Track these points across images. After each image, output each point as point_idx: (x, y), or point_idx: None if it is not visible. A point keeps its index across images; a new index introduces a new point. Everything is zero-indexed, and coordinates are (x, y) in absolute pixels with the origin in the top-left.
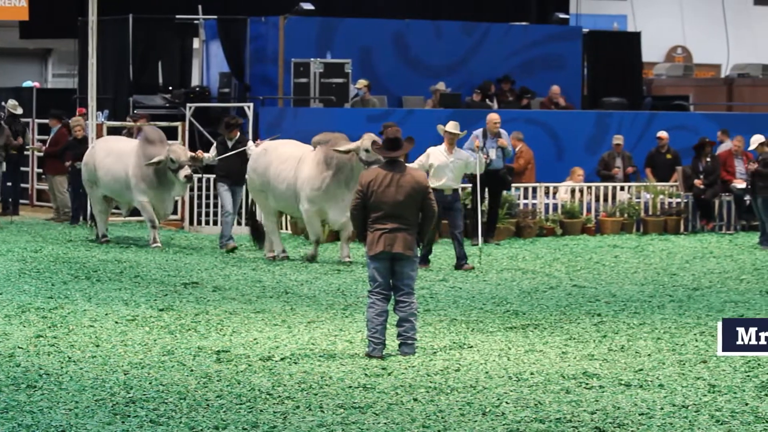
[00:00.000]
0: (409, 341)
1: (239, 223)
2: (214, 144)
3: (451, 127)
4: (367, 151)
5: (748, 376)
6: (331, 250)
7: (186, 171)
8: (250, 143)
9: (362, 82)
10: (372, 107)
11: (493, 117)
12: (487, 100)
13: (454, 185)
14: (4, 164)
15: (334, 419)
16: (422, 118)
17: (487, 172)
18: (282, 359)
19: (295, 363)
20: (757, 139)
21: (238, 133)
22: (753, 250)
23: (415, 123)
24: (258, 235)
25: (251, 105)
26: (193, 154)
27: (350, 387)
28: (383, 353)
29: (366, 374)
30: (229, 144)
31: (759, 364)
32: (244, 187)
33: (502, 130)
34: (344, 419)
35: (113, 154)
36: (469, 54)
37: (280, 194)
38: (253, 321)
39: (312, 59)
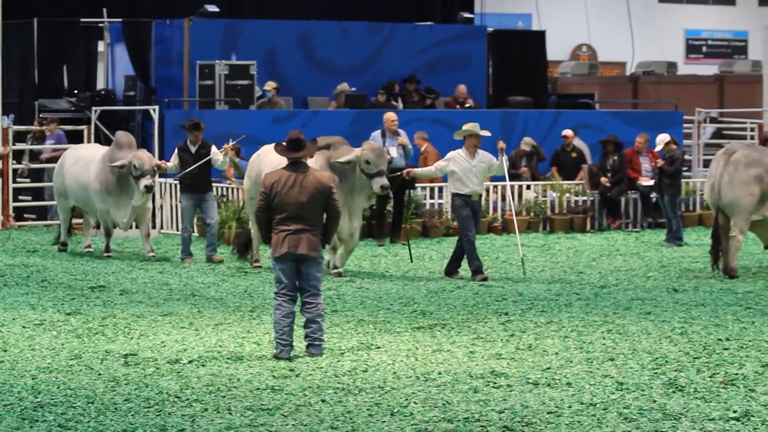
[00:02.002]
0: (317, 342)
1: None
2: (175, 151)
3: (473, 129)
4: (367, 162)
5: (656, 373)
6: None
7: (147, 181)
8: (214, 149)
9: (271, 85)
10: (279, 109)
11: (390, 116)
12: (392, 100)
13: (480, 190)
14: None
15: (243, 421)
16: (327, 118)
17: (390, 171)
18: (190, 362)
19: (203, 365)
20: (662, 139)
21: (202, 137)
22: (659, 248)
23: (320, 124)
24: (244, 245)
25: (157, 108)
26: (158, 162)
27: (258, 389)
28: (291, 355)
29: (274, 376)
30: (192, 149)
31: (666, 362)
32: (212, 193)
33: (400, 130)
34: (252, 421)
35: (81, 162)
36: (375, 54)
37: None
38: (161, 324)
39: (217, 61)
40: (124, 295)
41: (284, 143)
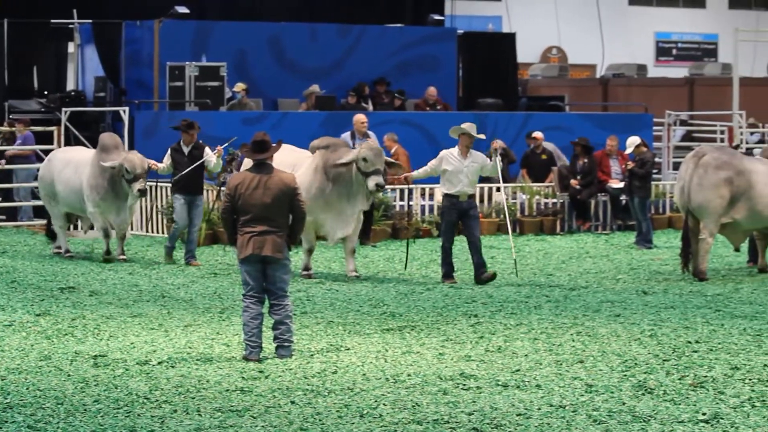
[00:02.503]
0: (286, 344)
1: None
2: (168, 152)
3: (468, 128)
4: (365, 160)
5: (625, 375)
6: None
7: (140, 185)
8: (207, 150)
9: (240, 86)
10: (249, 110)
11: (360, 117)
12: (362, 102)
13: (469, 191)
14: None
15: (212, 423)
16: (297, 120)
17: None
18: (159, 363)
19: (173, 367)
20: (632, 142)
21: (196, 137)
22: (629, 250)
23: (290, 126)
24: None
25: (127, 109)
26: (149, 162)
27: (228, 390)
28: (260, 356)
29: (243, 377)
30: (185, 150)
31: (636, 364)
32: (202, 197)
33: (370, 132)
34: (222, 423)
35: (71, 165)
36: (344, 56)
37: None
38: (130, 325)
39: (187, 63)
40: (93, 296)
41: (249, 145)
